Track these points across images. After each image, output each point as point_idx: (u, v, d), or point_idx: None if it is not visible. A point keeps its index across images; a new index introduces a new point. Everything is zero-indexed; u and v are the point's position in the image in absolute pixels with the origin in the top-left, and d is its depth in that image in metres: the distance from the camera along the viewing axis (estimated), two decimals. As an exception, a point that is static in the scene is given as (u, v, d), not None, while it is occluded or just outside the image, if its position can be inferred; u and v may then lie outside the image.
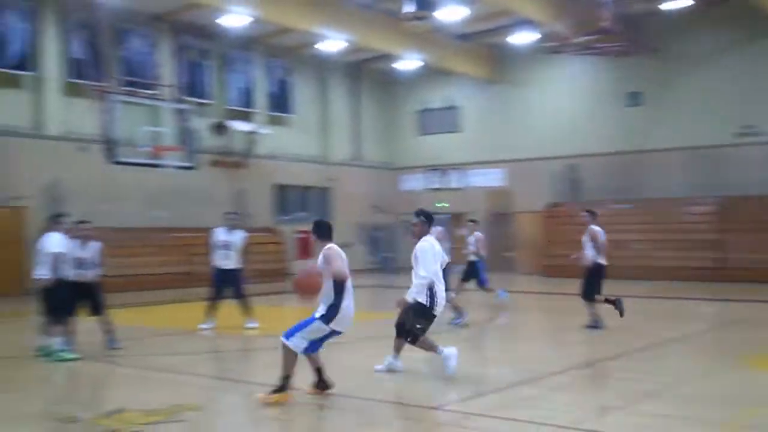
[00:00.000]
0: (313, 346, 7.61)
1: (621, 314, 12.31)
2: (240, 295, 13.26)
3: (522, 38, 27.73)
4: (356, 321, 7.91)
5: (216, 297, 13.21)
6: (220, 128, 26.75)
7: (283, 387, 7.39)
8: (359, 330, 13.46)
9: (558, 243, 27.22)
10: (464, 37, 29.11)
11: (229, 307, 13.40)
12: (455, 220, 32.83)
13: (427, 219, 9.02)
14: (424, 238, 8.85)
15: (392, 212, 33.28)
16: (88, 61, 19.97)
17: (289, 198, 29.81)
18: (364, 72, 32.57)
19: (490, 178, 31.23)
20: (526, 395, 7.98)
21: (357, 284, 16.43)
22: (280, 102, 29.31)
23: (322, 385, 7.72)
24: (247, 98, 28.02)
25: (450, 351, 8.70)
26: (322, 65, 30.83)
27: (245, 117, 27.71)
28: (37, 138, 22.20)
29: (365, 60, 31.38)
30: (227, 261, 13.20)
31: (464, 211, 31.84)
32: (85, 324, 11.05)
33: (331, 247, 7.81)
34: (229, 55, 27.43)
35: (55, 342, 10.11)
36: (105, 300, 11.07)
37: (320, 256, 7.76)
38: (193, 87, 25.29)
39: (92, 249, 10.91)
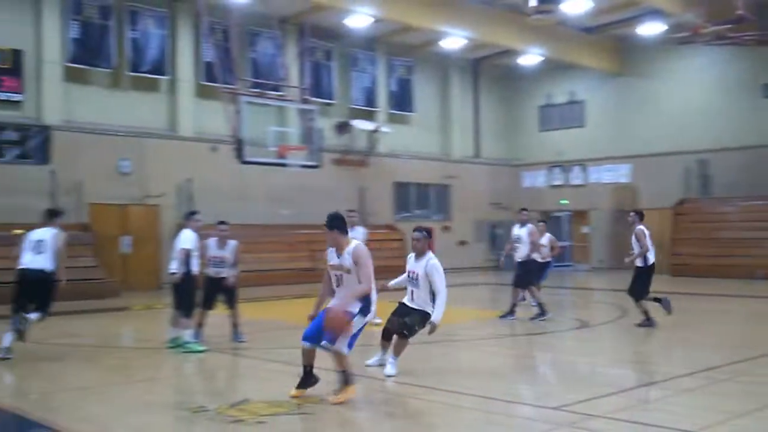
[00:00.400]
0: (352, 342, 7.62)
1: (668, 312, 12.77)
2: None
3: (649, 29, 26.94)
4: (475, 320, 7.91)
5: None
6: (343, 127, 27.28)
7: (347, 382, 7.46)
8: (478, 329, 13.51)
9: (687, 241, 26.30)
10: (589, 30, 28.49)
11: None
12: (577, 217, 32.26)
13: (429, 235, 9.13)
14: (431, 254, 8.99)
15: (512, 209, 32.93)
16: (219, 63, 20.75)
17: (409, 195, 30.02)
18: (485, 68, 32.40)
19: (615, 174, 30.44)
20: (649, 398, 7.80)
21: (475, 282, 16.47)
22: (401, 100, 29.54)
23: (311, 382, 7.68)
24: (369, 97, 28.40)
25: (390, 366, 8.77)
26: (442, 63, 30.89)
27: (367, 116, 28.12)
28: (171, 139, 23.31)
29: (486, 56, 31.22)
30: None
31: (587, 208, 31.25)
32: (213, 317, 11.53)
33: (359, 245, 7.72)
34: (352, 55, 27.89)
35: (185, 334, 10.61)
36: (238, 295, 11.55)
37: (347, 253, 7.61)
38: (317, 87, 25.84)
39: (230, 248, 11.39)
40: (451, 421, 6.94)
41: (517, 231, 14.77)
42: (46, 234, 10.26)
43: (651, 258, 12.87)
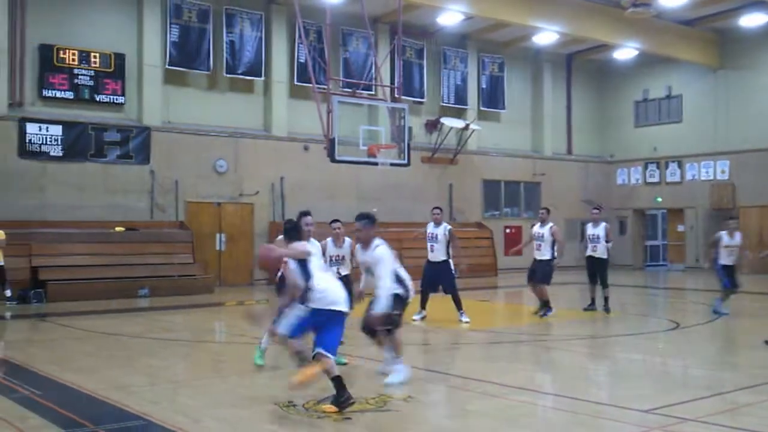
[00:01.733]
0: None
1: None
2: (450, 288, 13.55)
3: (750, 20, 26.03)
4: (567, 320, 7.84)
5: (426, 289, 13.62)
6: (433, 125, 27.32)
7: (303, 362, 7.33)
8: (567, 328, 13.35)
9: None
10: (687, 22, 27.70)
11: (443, 300, 13.72)
12: (673, 215, 31.40)
13: (371, 222, 8.54)
14: (377, 242, 8.38)
15: (606, 207, 32.31)
16: (312, 64, 21.11)
17: (498, 193, 29.80)
18: (578, 63, 31.87)
19: (712, 170, 29.46)
20: (746, 402, 7.57)
21: (564, 281, 16.21)
22: (492, 97, 29.36)
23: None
24: (459, 95, 28.34)
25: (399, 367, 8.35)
26: (534, 58, 30.57)
27: (457, 113, 28.07)
28: (265, 139, 23.85)
29: (579, 51, 30.74)
30: (433, 254, 13.67)
31: (683, 206, 30.37)
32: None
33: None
34: (443, 52, 27.89)
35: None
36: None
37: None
38: (408, 85, 25.95)
39: (346, 246, 11.44)
40: (537, 421, 6.91)
41: (540, 229, 14.59)
42: None
43: None
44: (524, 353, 10.83)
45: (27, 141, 20.05)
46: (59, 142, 20.44)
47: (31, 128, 20.12)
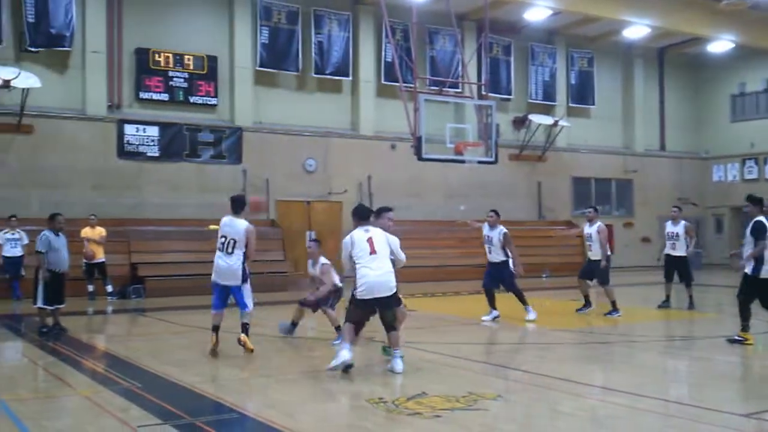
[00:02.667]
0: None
1: None
2: (511, 286, 13.61)
3: None
4: (661, 321, 7.68)
5: (488, 287, 13.79)
6: (520, 122, 27.07)
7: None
8: (666, 330, 13.05)
9: None
10: (787, 13, 26.68)
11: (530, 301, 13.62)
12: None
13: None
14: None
15: (701, 205, 31.41)
16: (399, 63, 21.21)
17: (588, 190, 29.28)
18: (671, 57, 31.06)
19: (816, 166, 28.27)
20: None
21: (658, 281, 15.90)
22: (581, 93, 28.89)
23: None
24: (547, 91, 28.00)
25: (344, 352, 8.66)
26: (625, 53, 29.93)
27: (545, 110, 27.73)
28: (353, 138, 24.10)
29: (672, 45, 29.95)
30: (491, 255, 13.91)
31: (785, 203, 29.21)
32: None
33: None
34: (530, 49, 27.59)
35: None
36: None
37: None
38: (495, 82, 25.80)
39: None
40: (628, 423, 6.80)
41: (588, 229, 14.55)
42: None
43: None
44: (615, 354, 10.64)
45: (125, 142, 20.84)
46: (155, 143, 21.16)
47: (129, 129, 20.89)
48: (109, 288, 17.88)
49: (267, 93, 23.07)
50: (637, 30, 26.76)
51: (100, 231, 17.99)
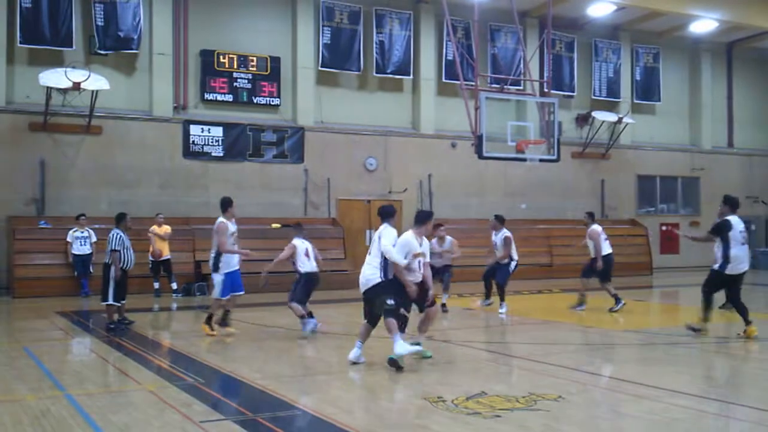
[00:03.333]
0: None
1: None
2: (501, 280, 15.15)
3: None
4: (728, 323, 7.48)
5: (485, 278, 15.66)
6: (583, 119, 26.70)
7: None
8: (733, 331, 12.72)
9: None
10: None
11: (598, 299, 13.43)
12: None
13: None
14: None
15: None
16: (460, 61, 21.14)
17: (653, 189, 28.71)
18: (739, 52, 30.25)
19: None
20: None
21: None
22: (646, 89, 28.35)
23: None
24: (611, 87, 27.56)
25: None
26: (691, 48, 29.28)
27: (609, 107, 27.30)
28: (413, 136, 24.11)
29: (740, 39, 29.19)
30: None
31: None
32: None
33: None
34: (594, 44, 27.20)
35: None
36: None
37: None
38: (557, 79, 25.53)
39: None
40: (694, 427, 6.66)
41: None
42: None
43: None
44: (681, 355, 10.42)
45: (191, 142, 21.24)
46: (220, 143, 21.52)
47: (195, 130, 21.29)
48: (174, 285, 18.25)
49: (329, 93, 23.24)
50: (704, 24, 26.16)
51: (166, 228, 18.39)
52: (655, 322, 15.31)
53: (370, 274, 9.22)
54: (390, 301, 8.99)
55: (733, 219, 11.39)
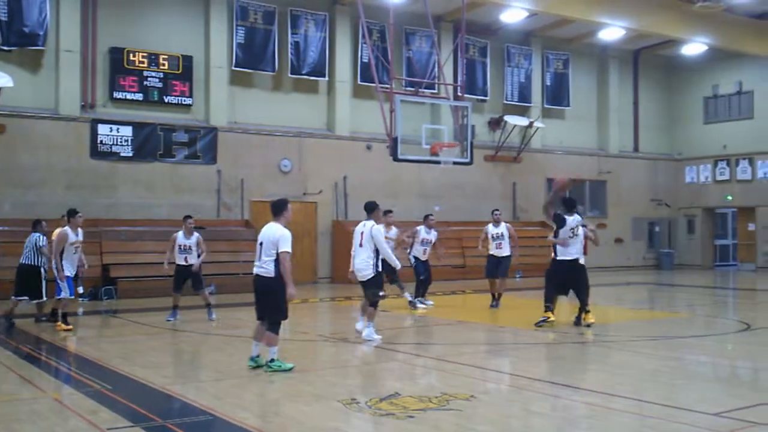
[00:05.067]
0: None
1: None
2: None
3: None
4: (629, 320, 7.71)
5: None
6: (496, 123, 27.15)
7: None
8: (638, 330, 13.14)
9: None
10: (759, 16, 26.99)
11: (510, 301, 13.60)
12: (743, 214, 30.61)
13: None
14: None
15: (673, 206, 31.74)
16: (375, 63, 21.20)
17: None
18: (645, 59, 31.33)
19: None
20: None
21: (631, 281, 15.92)
22: (556, 94, 29.03)
23: None
24: (523, 92, 28.10)
25: None
26: (599, 55, 30.15)
27: (521, 111, 27.84)
28: (329, 138, 24.04)
29: (646, 47, 30.22)
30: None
31: (755, 204, 29.58)
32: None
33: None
34: (506, 50, 27.68)
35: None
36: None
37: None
38: (471, 84, 25.85)
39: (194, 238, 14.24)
40: (602, 423, 6.83)
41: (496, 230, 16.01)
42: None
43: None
44: (589, 354, 10.70)
45: (99, 141, 20.64)
46: (129, 143, 20.98)
47: (103, 129, 20.70)
48: (81, 289, 17.66)
49: (242, 93, 22.95)
50: (612, 32, 26.93)
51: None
52: (564, 322, 15.65)
53: (364, 269, 11.04)
54: (381, 293, 11.14)
55: (568, 217, 12.61)
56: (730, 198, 30.33)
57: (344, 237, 22.29)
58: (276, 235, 8.86)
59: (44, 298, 13.48)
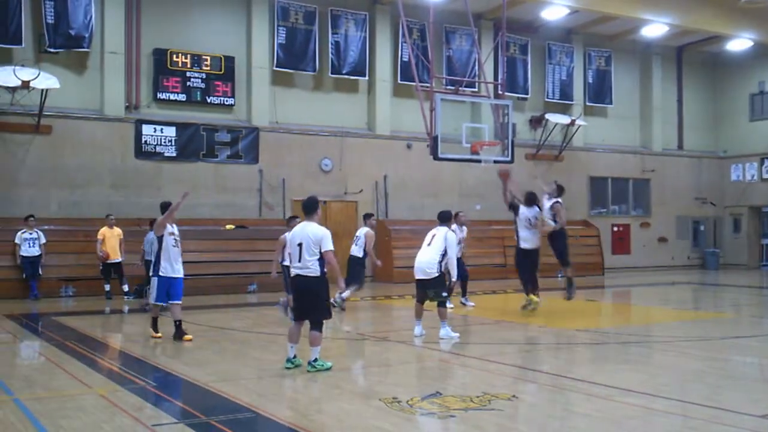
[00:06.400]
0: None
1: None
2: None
3: None
4: (675, 320, 7.62)
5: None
6: (537, 121, 26.97)
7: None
8: (683, 330, 12.97)
9: None
10: (808, 11, 26.42)
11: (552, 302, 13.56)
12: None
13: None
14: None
15: (719, 204, 31.22)
16: (415, 62, 21.20)
17: (605, 190, 29.12)
18: (689, 56, 30.85)
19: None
20: None
21: (676, 281, 15.69)
22: (598, 92, 28.73)
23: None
24: (564, 90, 27.86)
25: None
26: (643, 52, 29.78)
27: (562, 109, 27.61)
28: (369, 137, 24.10)
29: (690, 43, 29.75)
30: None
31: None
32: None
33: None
34: (547, 47, 27.48)
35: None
36: None
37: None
38: (512, 82, 25.73)
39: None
40: (645, 424, 6.76)
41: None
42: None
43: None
44: (632, 354, 10.59)
45: (143, 142, 20.95)
46: (173, 143, 21.26)
47: (147, 129, 21.00)
48: (125, 288, 17.98)
49: (284, 93, 23.11)
50: (655, 28, 26.61)
51: (118, 232, 18.10)
52: (606, 322, 15.53)
53: (428, 266, 11.26)
54: (444, 294, 11.44)
55: (522, 208, 14.34)
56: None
57: (384, 236, 22.34)
58: (317, 234, 8.89)
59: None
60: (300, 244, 8.93)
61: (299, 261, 8.94)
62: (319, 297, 8.92)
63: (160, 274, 11.26)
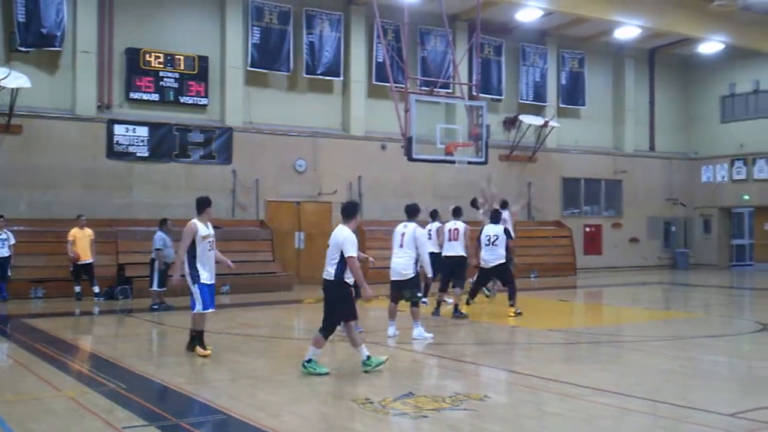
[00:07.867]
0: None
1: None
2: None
3: None
4: (646, 320, 7.69)
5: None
6: (511, 123, 27.09)
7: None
8: (654, 330, 13.09)
9: None
10: (777, 14, 26.79)
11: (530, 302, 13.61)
12: (761, 214, 30.40)
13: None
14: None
15: (689, 205, 31.56)
16: (390, 63, 21.19)
17: (578, 191, 29.30)
18: (661, 58, 31.14)
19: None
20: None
21: (647, 281, 15.83)
22: (572, 93, 28.90)
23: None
24: (538, 92, 27.99)
25: None
26: (615, 54, 30.00)
27: (536, 110, 27.75)
28: (343, 138, 24.07)
29: (661, 46, 30.04)
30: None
31: (774, 204, 29.37)
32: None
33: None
34: (521, 49, 27.61)
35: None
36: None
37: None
38: (486, 83, 25.81)
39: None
40: (617, 423, 6.81)
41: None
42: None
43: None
44: (604, 354, 10.66)
45: (115, 142, 20.75)
46: (145, 143, 21.08)
47: (119, 129, 20.81)
48: (96, 289, 17.80)
49: (258, 93, 23.00)
50: (627, 30, 26.83)
51: (89, 233, 17.88)
52: (578, 322, 15.63)
53: (404, 268, 11.39)
54: (419, 294, 11.61)
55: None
56: (747, 197, 30.11)
57: (359, 237, 22.30)
58: (340, 238, 8.95)
59: (152, 287, 15.91)
60: (329, 247, 9.07)
61: (326, 264, 9.04)
62: (331, 300, 9.00)
63: (202, 281, 10.12)
